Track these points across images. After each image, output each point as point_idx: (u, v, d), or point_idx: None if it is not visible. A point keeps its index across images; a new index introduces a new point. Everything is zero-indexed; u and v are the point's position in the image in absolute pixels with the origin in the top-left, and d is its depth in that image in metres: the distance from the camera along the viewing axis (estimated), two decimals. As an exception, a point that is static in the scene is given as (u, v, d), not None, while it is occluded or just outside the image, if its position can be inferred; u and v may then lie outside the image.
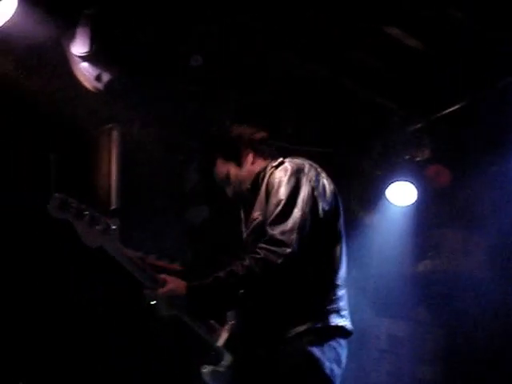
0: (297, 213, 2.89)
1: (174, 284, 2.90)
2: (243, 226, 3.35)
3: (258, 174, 3.26)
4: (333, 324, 2.90)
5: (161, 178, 6.18)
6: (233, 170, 3.35)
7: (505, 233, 6.79)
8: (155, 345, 5.81)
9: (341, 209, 3.16)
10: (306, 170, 3.06)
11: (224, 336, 3.05)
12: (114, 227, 2.80)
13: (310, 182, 3.01)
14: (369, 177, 6.87)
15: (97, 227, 2.75)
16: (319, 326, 2.86)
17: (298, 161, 3.14)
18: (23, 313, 5.20)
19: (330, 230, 3.05)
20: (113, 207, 2.88)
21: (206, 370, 3.02)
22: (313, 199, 2.97)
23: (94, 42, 4.90)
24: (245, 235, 3.22)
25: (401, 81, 6.17)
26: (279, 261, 2.76)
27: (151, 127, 5.96)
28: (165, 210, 6.22)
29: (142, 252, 6.03)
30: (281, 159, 3.21)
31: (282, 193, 2.95)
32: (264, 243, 2.84)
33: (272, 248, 2.80)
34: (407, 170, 6.51)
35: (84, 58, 5.04)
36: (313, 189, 3.00)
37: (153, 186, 6.08)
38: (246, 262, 2.80)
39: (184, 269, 6.37)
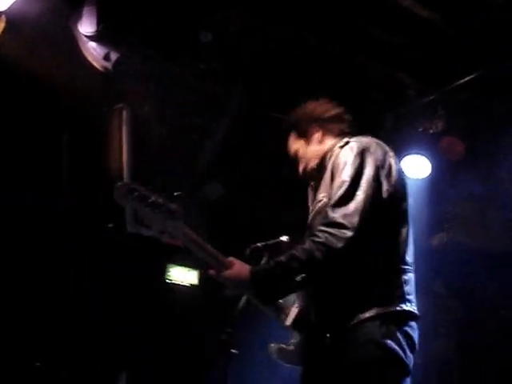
0: (360, 195, 2.81)
1: (239, 267, 2.89)
2: (310, 205, 3.30)
3: (326, 153, 3.21)
4: (399, 309, 2.81)
5: (173, 156, 6.16)
6: (302, 147, 3.33)
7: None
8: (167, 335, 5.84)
9: (407, 190, 3.08)
10: (372, 149, 2.97)
11: (292, 316, 3.04)
12: (178, 211, 2.81)
13: (375, 161, 2.92)
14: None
15: (161, 212, 2.78)
16: (386, 311, 2.78)
17: (365, 140, 3.06)
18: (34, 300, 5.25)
19: (394, 211, 2.96)
20: (176, 193, 2.86)
21: (274, 346, 3.07)
22: (377, 180, 2.88)
23: (100, 21, 4.88)
24: (310, 216, 3.15)
25: (414, 52, 6.11)
26: (340, 244, 2.70)
27: (162, 106, 5.93)
28: (179, 187, 6.21)
29: (158, 233, 6.07)
30: (347, 139, 3.13)
31: (346, 174, 2.88)
32: (324, 226, 2.78)
33: (332, 231, 2.73)
34: (421, 143, 6.45)
35: (92, 38, 5.02)
36: (378, 169, 2.90)
37: (165, 165, 6.07)
38: (306, 246, 2.76)
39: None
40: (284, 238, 4.15)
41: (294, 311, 3.05)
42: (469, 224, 6.99)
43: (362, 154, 2.92)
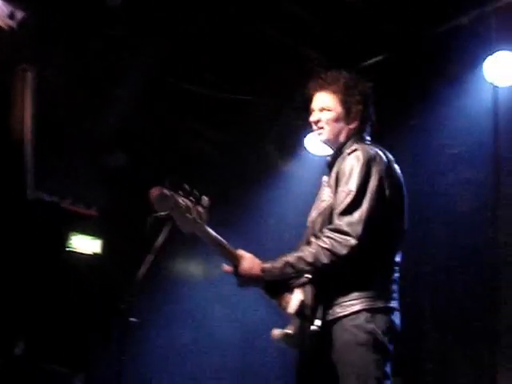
0: (365, 205, 3.01)
1: (250, 263, 3.15)
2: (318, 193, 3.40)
3: (341, 146, 3.33)
4: (387, 305, 3.09)
5: (77, 122, 6.05)
6: (337, 115, 3.35)
7: (421, 186, 6.94)
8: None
9: (405, 198, 3.29)
10: (378, 159, 3.14)
11: (295, 303, 3.18)
12: (204, 215, 3.06)
13: (379, 172, 3.10)
14: (289, 126, 6.90)
15: (190, 216, 3.03)
16: (374, 306, 3.04)
17: (370, 150, 3.19)
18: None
19: (394, 218, 3.20)
20: (205, 197, 3.08)
21: (278, 332, 3.17)
22: (381, 190, 3.09)
23: (5, -22, 4.72)
24: (313, 213, 3.31)
25: (324, 30, 6.17)
26: (344, 251, 2.95)
27: (69, 69, 5.80)
28: (81, 155, 6.12)
29: (58, 197, 5.98)
30: (354, 146, 3.23)
31: (353, 183, 3.06)
32: (331, 232, 3.01)
33: (338, 238, 2.97)
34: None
35: (-5, -5, 4.84)
36: (381, 179, 3.10)
37: (69, 131, 5.96)
38: (313, 249, 3.02)
39: (100, 214, 6.36)
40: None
41: (295, 298, 3.20)
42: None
43: (367, 165, 3.10)
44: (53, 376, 5.12)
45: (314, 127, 3.42)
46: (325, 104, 3.37)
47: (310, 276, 3.04)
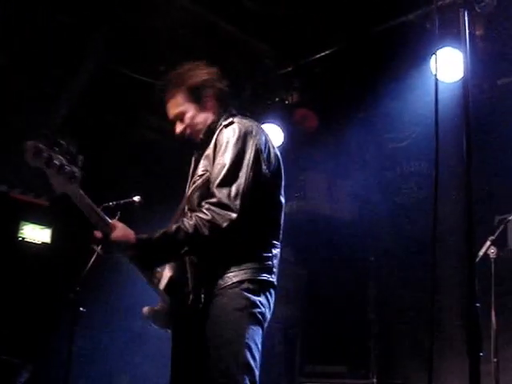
0: (241, 177, 2.99)
1: (124, 231, 3.00)
2: (191, 173, 3.37)
3: (210, 125, 3.27)
4: (265, 278, 3.07)
5: (27, 111, 6.00)
6: (192, 111, 3.30)
7: (368, 178, 7.06)
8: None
9: (282, 172, 3.24)
10: (254, 132, 3.12)
11: (165, 280, 3.18)
12: (77, 175, 2.90)
13: (256, 145, 3.07)
14: (238, 118, 6.92)
15: (63, 175, 2.85)
16: (253, 278, 3.01)
17: (247, 122, 3.18)
18: None
19: (271, 192, 3.16)
20: (80, 157, 2.91)
21: (147, 309, 3.21)
22: (257, 163, 3.06)
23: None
24: (189, 189, 3.24)
25: (274, 23, 6.21)
26: (225, 224, 2.91)
27: (15, 54, 5.74)
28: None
29: (6, 186, 5.92)
30: (231, 119, 3.20)
31: (228, 156, 3.02)
32: (211, 205, 2.96)
33: (218, 211, 2.93)
34: (276, 113, 6.60)
35: None
36: (258, 152, 3.07)
37: (18, 118, 5.90)
38: (193, 221, 2.93)
39: (50, 203, 6.32)
40: (136, 198, 4.22)
41: (165, 276, 3.20)
42: (316, 193, 7.24)
43: (244, 137, 3.07)
44: (1, 366, 5.08)
45: (184, 136, 3.35)
46: (175, 111, 3.35)
47: (187, 248, 2.95)
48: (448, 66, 5.23)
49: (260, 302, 3.02)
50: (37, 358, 5.44)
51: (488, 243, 4.79)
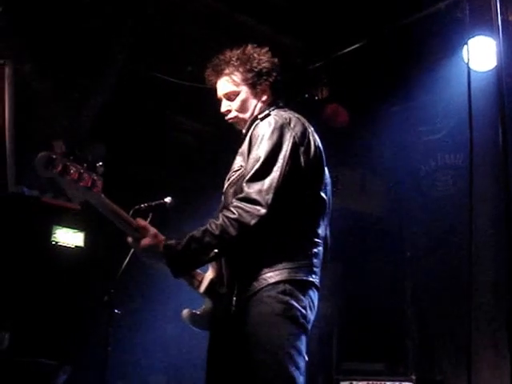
0: (276, 171, 2.81)
1: (153, 237, 2.88)
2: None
3: (255, 119, 3.09)
4: (305, 279, 2.86)
5: (56, 115, 6.03)
6: (245, 94, 3.14)
7: (401, 172, 6.99)
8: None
9: (325, 166, 3.07)
10: (292, 124, 2.93)
11: (205, 283, 3.07)
12: (98, 182, 2.78)
13: (293, 137, 2.88)
14: (268, 115, 6.88)
15: (82, 183, 2.73)
16: (291, 278, 2.81)
17: (285, 114, 3.00)
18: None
19: (311, 187, 2.95)
20: (98, 164, 2.82)
21: (185, 312, 3.10)
22: (295, 156, 2.87)
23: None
24: (225, 184, 3.08)
25: (302, 18, 6.16)
26: (253, 221, 2.73)
27: (44, 64, 5.78)
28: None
29: (38, 191, 5.97)
30: (267, 111, 3.05)
31: (263, 149, 2.85)
32: (239, 201, 2.79)
33: (246, 207, 2.76)
34: (305, 109, 6.53)
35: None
36: (295, 144, 2.88)
37: (47, 124, 5.93)
38: (220, 221, 2.77)
39: (81, 206, 6.34)
40: (167, 199, 4.18)
41: (207, 278, 3.08)
42: (349, 190, 7.17)
43: (280, 130, 2.88)
44: (38, 368, 5.11)
45: (227, 117, 3.22)
46: (228, 89, 3.17)
47: (217, 250, 2.78)
48: (481, 54, 5.14)
49: (300, 304, 2.81)
50: (74, 359, 5.46)
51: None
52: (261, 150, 2.85)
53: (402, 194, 7.04)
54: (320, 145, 3.07)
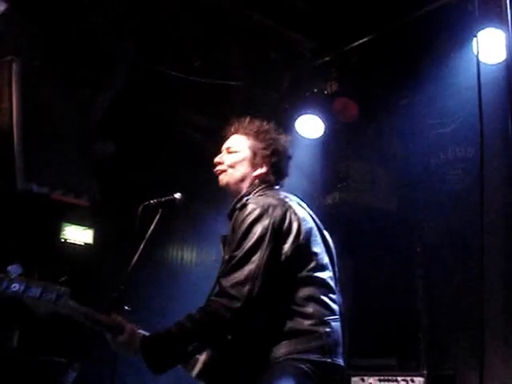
0: (252, 263, 2.81)
1: (130, 335, 2.88)
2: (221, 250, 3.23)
3: (241, 198, 3.12)
4: (315, 359, 2.82)
5: (65, 112, 6.03)
6: (244, 159, 3.21)
7: (411, 166, 6.94)
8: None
9: (313, 237, 3.00)
10: (270, 211, 2.91)
11: (198, 367, 3.05)
12: (63, 291, 2.88)
13: (272, 225, 2.87)
14: (277, 109, 6.88)
15: (47, 297, 2.82)
16: (302, 358, 2.80)
17: (263, 201, 2.98)
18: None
19: (301, 266, 2.92)
20: (61, 279, 2.91)
21: None
22: (273, 243, 2.86)
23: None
24: (217, 277, 3.09)
25: (310, 13, 6.14)
26: (228, 315, 2.75)
27: (54, 60, 5.78)
28: (70, 145, 6.10)
29: (48, 188, 5.97)
30: (245, 199, 3.06)
31: (239, 244, 2.87)
32: (217, 296, 2.83)
33: (222, 301, 2.78)
34: (315, 103, 6.53)
35: (-22, -14, 4.81)
36: (274, 232, 2.87)
37: (57, 121, 5.94)
38: (197, 316, 2.79)
39: (90, 203, 6.36)
40: (177, 196, 4.19)
41: (200, 361, 3.06)
42: (359, 184, 7.14)
43: (259, 219, 2.88)
44: (48, 366, 5.12)
45: (216, 168, 3.26)
46: (232, 145, 3.26)
47: (195, 344, 2.79)
48: (491, 47, 5.08)
49: (307, 367, 2.78)
50: (83, 357, 5.47)
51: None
52: (240, 244, 2.86)
53: (413, 188, 6.99)
54: (303, 218, 3.00)
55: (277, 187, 3.21)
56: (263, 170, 3.18)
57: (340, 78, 6.58)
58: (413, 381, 5.71)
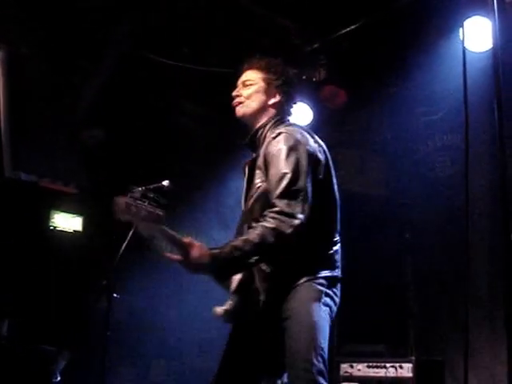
0: (300, 185, 3.12)
1: (199, 251, 3.08)
2: (245, 180, 3.50)
3: (258, 129, 3.45)
4: (330, 275, 3.22)
5: (54, 100, 6.01)
6: (259, 90, 3.50)
7: (400, 153, 6.97)
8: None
9: (332, 168, 3.37)
10: (303, 139, 3.25)
11: (235, 282, 3.37)
12: (161, 217, 3.12)
13: (307, 151, 3.21)
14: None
15: (149, 221, 3.07)
16: (319, 275, 3.18)
17: (294, 130, 3.30)
18: None
19: (327, 191, 3.31)
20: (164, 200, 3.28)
21: (219, 310, 3.34)
22: (312, 168, 3.20)
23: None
24: (250, 200, 3.36)
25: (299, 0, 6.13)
26: (289, 230, 3.03)
27: (42, 46, 5.76)
28: (58, 132, 6.08)
29: (36, 176, 5.95)
30: (278, 130, 3.33)
31: (284, 166, 3.15)
32: (274, 213, 3.08)
33: (282, 218, 3.05)
34: (304, 91, 6.52)
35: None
36: (311, 157, 3.21)
37: (45, 108, 5.91)
38: (258, 231, 3.06)
39: (79, 191, 6.35)
40: (165, 183, 4.25)
41: (236, 278, 3.37)
42: (347, 171, 7.15)
43: (295, 146, 3.19)
44: (38, 355, 5.13)
45: (234, 101, 3.52)
46: (247, 78, 3.54)
47: (256, 257, 3.11)
48: (478, 35, 5.10)
49: (329, 296, 3.20)
50: (73, 345, 5.47)
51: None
52: (282, 167, 3.16)
53: (401, 175, 7.01)
54: (326, 149, 3.38)
55: (289, 118, 3.55)
56: (277, 98, 3.49)
57: (329, 66, 6.58)
58: (401, 367, 5.75)
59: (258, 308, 3.28)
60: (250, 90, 3.49)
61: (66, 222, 6.43)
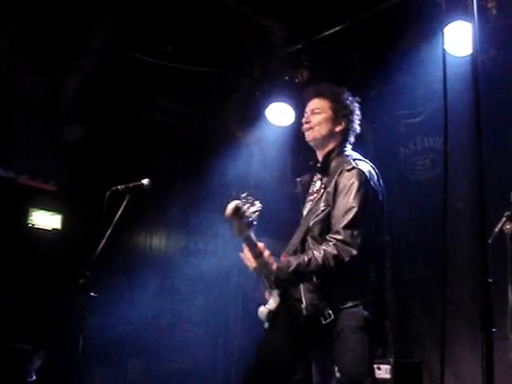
0: (362, 220, 3.49)
1: (268, 259, 3.52)
2: (307, 200, 3.84)
3: (331, 150, 3.79)
4: (371, 298, 3.59)
5: (34, 95, 5.96)
6: (326, 118, 3.82)
7: (381, 155, 6.97)
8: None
9: (384, 202, 3.73)
10: (372, 178, 3.64)
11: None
12: (254, 223, 3.50)
13: (372, 190, 3.59)
14: (248, 97, 6.87)
15: (248, 225, 3.48)
16: (363, 300, 3.54)
17: (365, 167, 3.65)
18: None
19: (380, 227, 3.69)
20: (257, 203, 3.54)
21: (264, 309, 3.71)
22: (373, 205, 3.58)
23: None
24: (312, 219, 3.66)
25: (282, 0, 6.13)
26: (347, 259, 3.43)
27: (23, 40, 5.71)
28: (39, 130, 6.04)
29: (14, 172, 5.90)
30: (353, 164, 3.62)
31: (353, 200, 3.51)
32: (337, 241, 3.47)
33: (344, 248, 3.44)
34: (286, 91, 6.53)
35: None
36: (373, 194, 3.61)
37: (25, 105, 5.87)
38: (322, 254, 3.45)
39: (58, 188, 6.30)
40: (145, 181, 4.24)
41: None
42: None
43: (365, 183, 3.56)
44: (13, 353, 5.08)
45: (304, 127, 3.83)
46: (316, 107, 3.85)
47: (314, 276, 3.51)
48: (459, 40, 5.12)
49: (370, 319, 3.51)
50: (49, 344, 5.43)
51: (504, 219, 4.73)
52: (352, 201, 3.52)
53: (382, 177, 7.02)
54: (382, 183, 3.76)
55: (349, 147, 3.85)
56: (343, 126, 3.81)
57: (311, 67, 6.59)
58: (379, 368, 5.77)
59: (301, 317, 3.59)
60: (319, 118, 3.79)
61: (45, 219, 6.38)
